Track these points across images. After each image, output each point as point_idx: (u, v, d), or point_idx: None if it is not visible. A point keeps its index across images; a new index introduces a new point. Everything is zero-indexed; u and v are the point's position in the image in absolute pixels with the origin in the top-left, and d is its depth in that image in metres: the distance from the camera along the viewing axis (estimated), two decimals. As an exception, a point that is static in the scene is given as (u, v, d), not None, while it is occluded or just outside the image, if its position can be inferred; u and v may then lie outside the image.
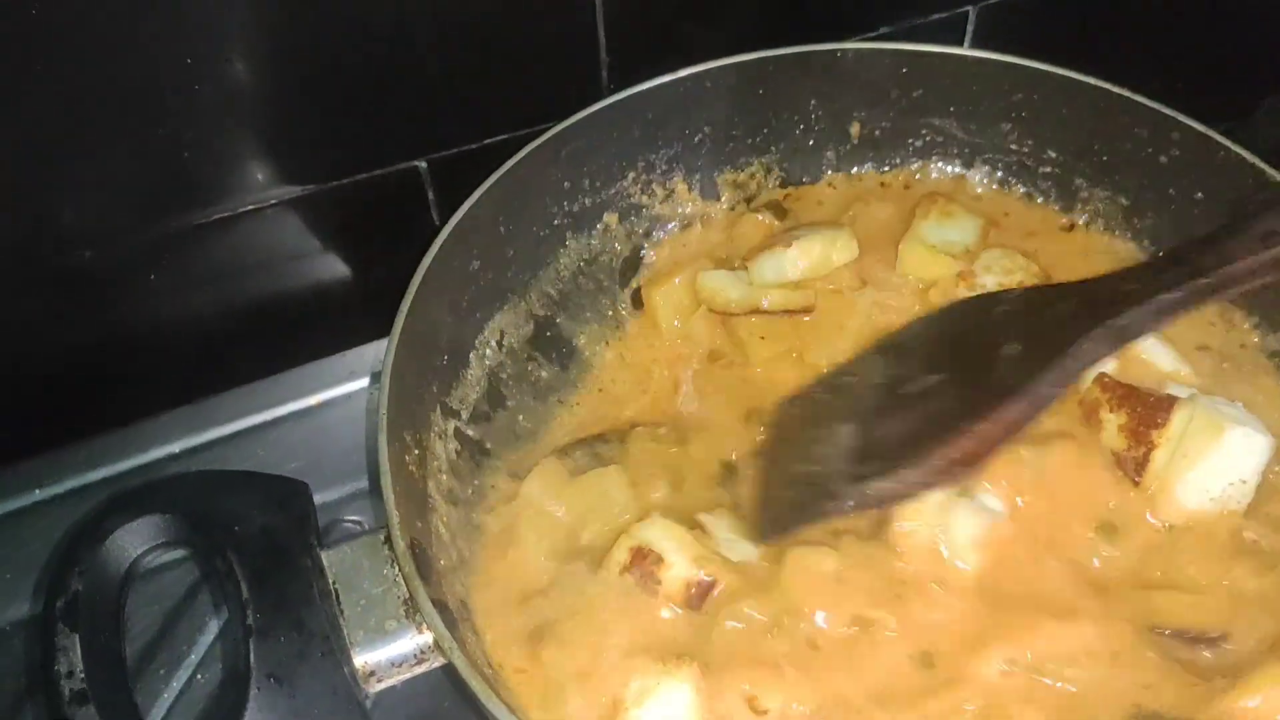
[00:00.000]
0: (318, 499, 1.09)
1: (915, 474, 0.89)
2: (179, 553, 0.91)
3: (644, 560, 0.91)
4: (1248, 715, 0.83)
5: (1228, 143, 1.06)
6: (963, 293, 1.12)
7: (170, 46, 1.06)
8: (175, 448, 1.24)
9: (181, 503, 0.86)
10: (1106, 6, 1.46)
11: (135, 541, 0.84)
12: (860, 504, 0.92)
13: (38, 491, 1.22)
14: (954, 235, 1.17)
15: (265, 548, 0.84)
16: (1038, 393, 0.88)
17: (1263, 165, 1.04)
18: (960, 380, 0.94)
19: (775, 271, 1.15)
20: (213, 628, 1.07)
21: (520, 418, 1.12)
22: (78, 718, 0.75)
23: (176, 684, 1.03)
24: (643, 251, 1.24)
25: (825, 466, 0.95)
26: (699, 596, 0.92)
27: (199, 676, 1.04)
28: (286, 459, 1.21)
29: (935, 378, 0.97)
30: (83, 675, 0.77)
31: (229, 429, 1.25)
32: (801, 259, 1.14)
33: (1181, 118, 1.10)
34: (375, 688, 0.84)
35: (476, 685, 0.79)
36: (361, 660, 0.83)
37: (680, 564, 0.91)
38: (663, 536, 0.93)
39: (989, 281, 1.13)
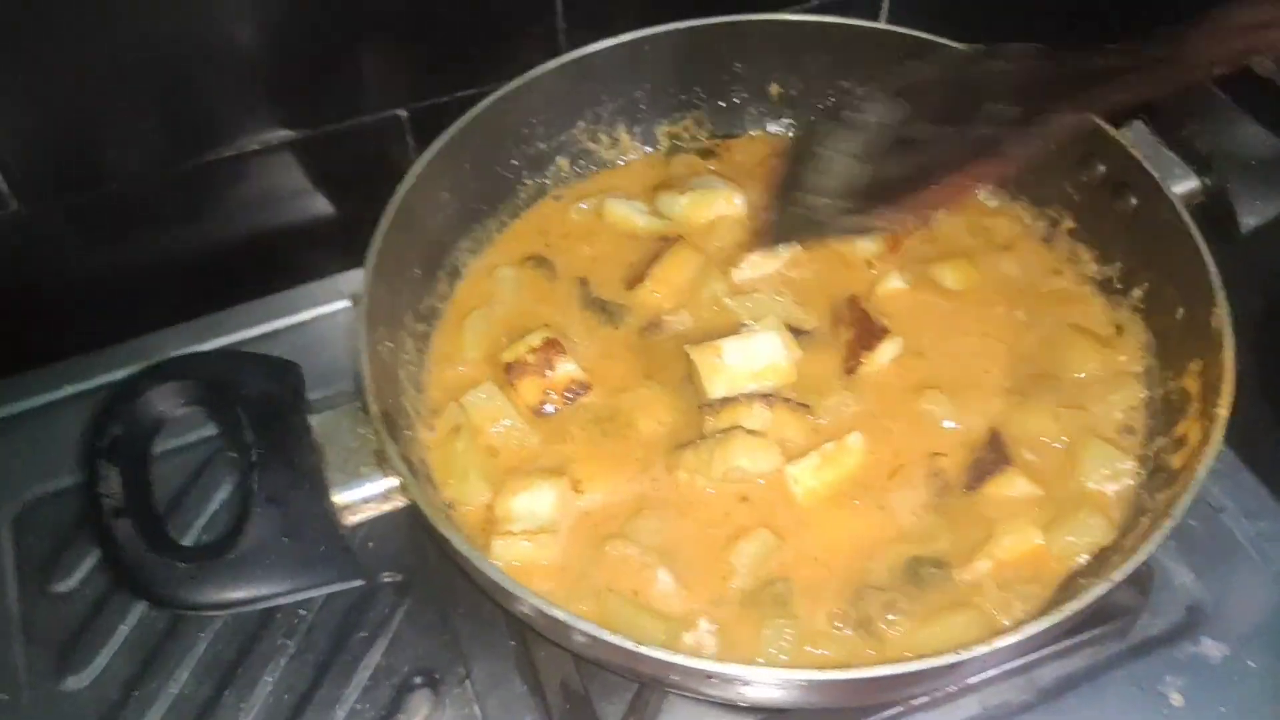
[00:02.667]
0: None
1: (891, 211, 1.07)
2: (199, 410, 1.10)
3: (551, 349, 1.20)
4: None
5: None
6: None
7: (185, 10, 1.27)
8: (189, 351, 1.44)
9: (200, 372, 1.07)
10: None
11: (163, 399, 1.05)
12: (844, 232, 1.15)
13: (68, 388, 1.43)
14: None
15: (265, 406, 1.05)
16: (1007, 154, 1.02)
17: (1099, 120, 1.23)
18: (954, 131, 1.06)
19: (667, 208, 1.37)
20: (229, 483, 1.33)
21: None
22: (116, 527, 0.96)
23: (204, 516, 1.31)
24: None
25: (826, 198, 1.12)
26: (573, 393, 1.21)
27: (224, 511, 1.32)
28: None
29: (935, 128, 1.08)
30: (120, 497, 0.98)
31: (234, 338, 1.47)
32: (689, 206, 1.36)
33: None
34: (350, 520, 1.05)
35: (433, 515, 1.00)
36: (338, 497, 1.04)
37: (574, 364, 1.21)
38: (577, 339, 1.26)
39: None
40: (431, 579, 1.27)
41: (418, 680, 1.22)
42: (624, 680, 1.15)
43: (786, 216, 1.17)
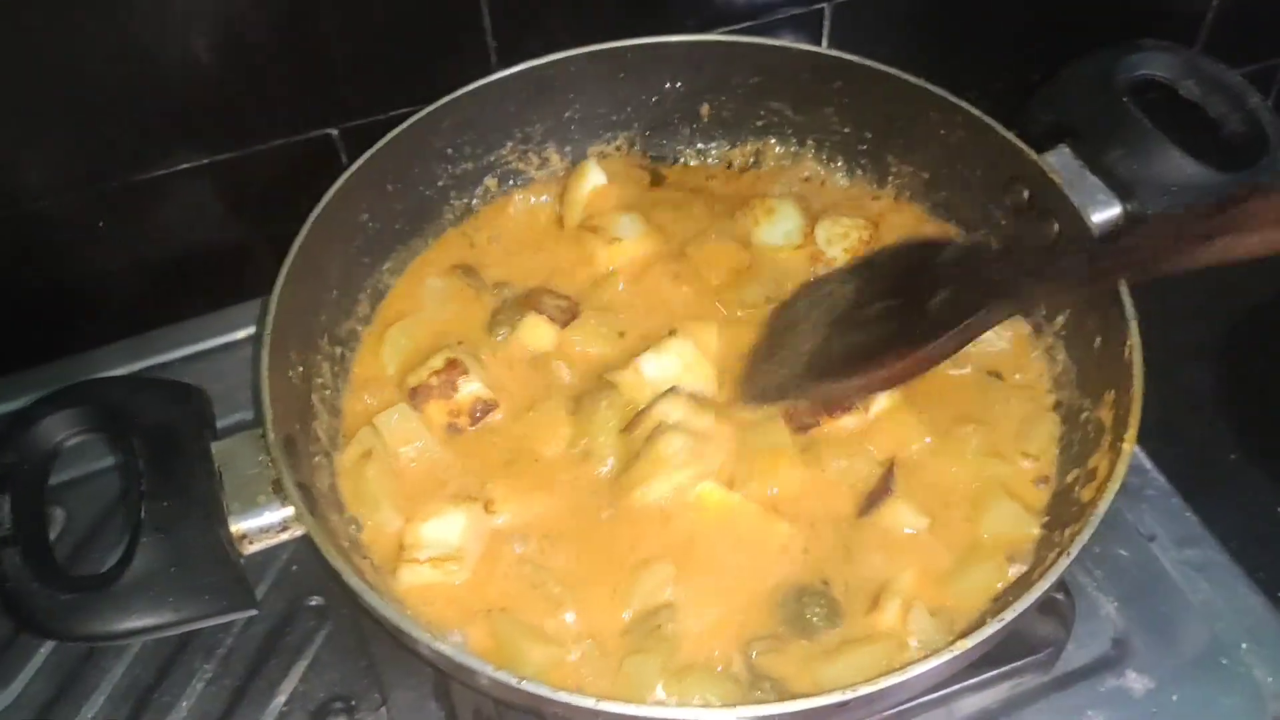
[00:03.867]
0: (226, 421, 1.30)
1: (852, 384, 1.13)
2: (94, 437, 1.10)
3: (453, 370, 1.19)
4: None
5: (997, 125, 1.25)
6: (820, 269, 1.33)
7: (111, 27, 1.25)
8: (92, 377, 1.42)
9: (98, 398, 1.07)
10: (945, 12, 1.65)
11: (59, 427, 1.04)
12: (808, 398, 1.19)
13: (-1, 406, 1.43)
14: (787, 225, 1.36)
15: (162, 435, 1.04)
16: (949, 340, 1.07)
17: (1021, 144, 1.23)
18: (903, 311, 1.12)
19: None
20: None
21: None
22: (3, 557, 0.96)
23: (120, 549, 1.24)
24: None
25: (793, 366, 1.18)
26: (480, 413, 1.21)
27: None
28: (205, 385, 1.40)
29: (887, 304, 1.15)
30: (10, 526, 0.97)
31: (151, 362, 1.46)
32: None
33: (963, 104, 1.28)
34: (248, 549, 1.04)
35: (324, 547, 1.00)
36: (235, 525, 1.03)
37: (479, 384, 1.21)
38: (474, 361, 1.23)
39: (836, 252, 1.33)
40: (353, 604, 1.25)
41: (336, 706, 1.21)
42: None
43: (759, 381, 1.21)
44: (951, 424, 1.20)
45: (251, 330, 1.48)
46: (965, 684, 1.15)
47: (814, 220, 1.36)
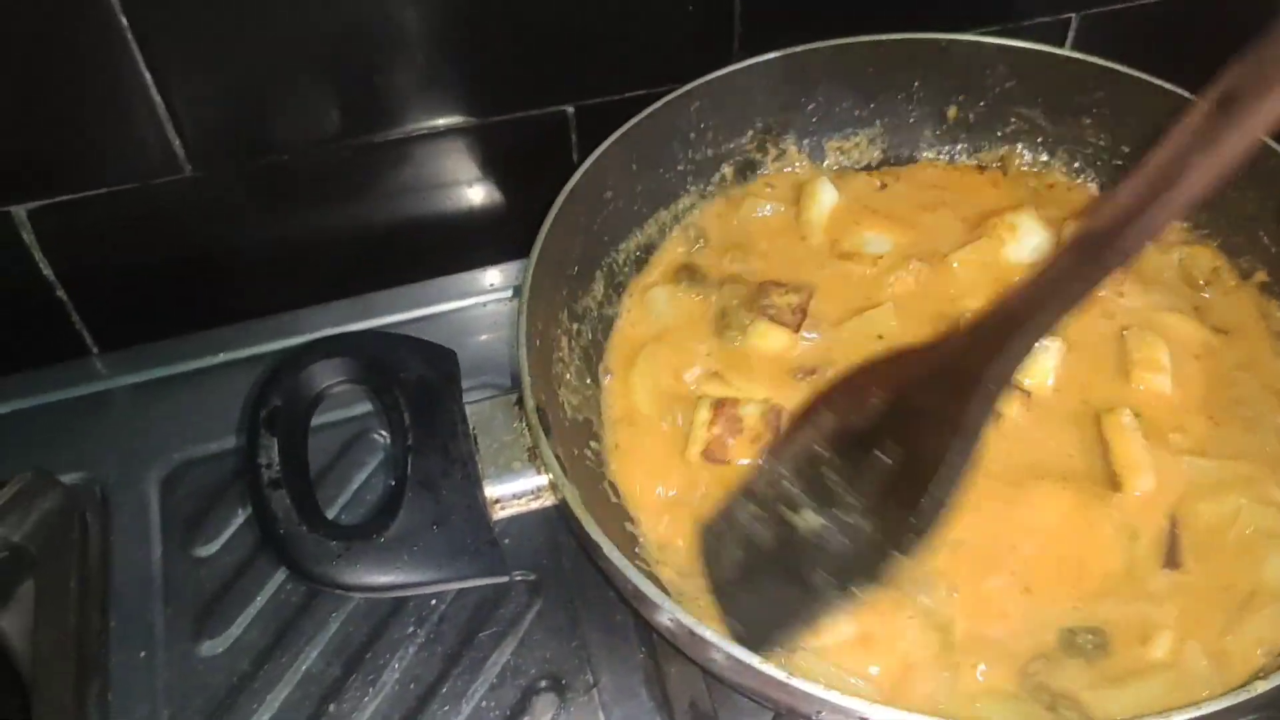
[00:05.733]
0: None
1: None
2: (357, 388, 1.10)
3: (723, 411, 1.15)
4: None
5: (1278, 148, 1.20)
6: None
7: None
8: (338, 331, 1.45)
9: (361, 351, 1.07)
10: (1197, 20, 1.58)
11: (324, 374, 1.05)
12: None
13: (222, 355, 1.46)
14: (1035, 240, 1.30)
15: (422, 391, 1.05)
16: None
17: (1307, 170, 1.17)
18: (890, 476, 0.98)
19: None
20: (372, 463, 1.33)
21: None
22: (272, 498, 0.97)
23: (347, 494, 1.29)
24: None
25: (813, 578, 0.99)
26: (775, 422, 1.15)
27: (365, 491, 1.31)
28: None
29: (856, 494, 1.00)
30: (278, 468, 0.98)
31: (385, 320, 1.48)
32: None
33: (1246, 123, 1.22)
34: (499, 514, 1.04)
35: (583, 518, 0.98)
36: (490, 490, 1.03)
37: (754, 405, 1.16)
38: (723, 385, 1.21)
39: None
40: (564, 581, 1.25)
41: (543, 684, 1.19)
42: (756, 704, 1.11)
43: (774, 613, 1.02)
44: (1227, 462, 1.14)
45: (474, 299, 1.50)
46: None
47: (1059, 228, 1.31)
